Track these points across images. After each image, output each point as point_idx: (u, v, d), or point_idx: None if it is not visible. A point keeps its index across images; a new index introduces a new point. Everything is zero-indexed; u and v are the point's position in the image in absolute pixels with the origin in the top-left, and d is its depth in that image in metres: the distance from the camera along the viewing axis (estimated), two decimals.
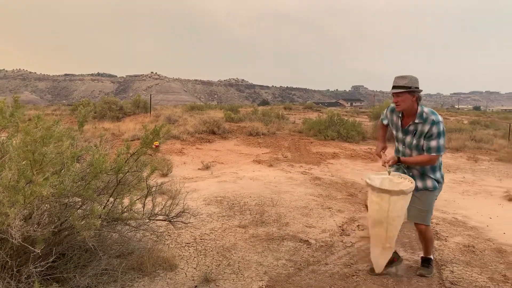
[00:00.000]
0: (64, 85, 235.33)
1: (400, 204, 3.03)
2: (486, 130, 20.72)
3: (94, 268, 2.87)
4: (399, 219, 3.10)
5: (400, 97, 3.24)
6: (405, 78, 3.23)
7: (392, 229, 3.13)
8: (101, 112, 19.60)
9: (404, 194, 3.01)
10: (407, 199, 3.06)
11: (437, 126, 3.16)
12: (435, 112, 3.23)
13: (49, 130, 2.32)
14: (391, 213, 3.03)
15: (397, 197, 3.00)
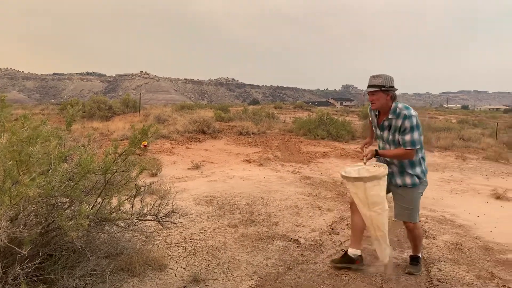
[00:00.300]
0: (52, 84, 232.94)
1: (375, 190, 3.09)
2: (474, 129, 20.96)
3: (82, 269, 2.85)
4: (381, 206, 3.14)
5: (375, 95, 3.33)
6: (379, 77, 3.31)
7: (376, 216, 3.18)
8: (90, 111, 19.44)
9: (377, 179, 3.08)
10: (382, 184, 3.12)
11: (410, 120, 3.20)
12: (408, 107, 3.29)
13: (36, 130, 2.30)
14: (370, 200, 3.11)
15: (371, 183, 3.08)
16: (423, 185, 3.43)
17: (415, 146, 3.21)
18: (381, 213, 3.15)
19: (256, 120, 17.97)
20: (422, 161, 3.41)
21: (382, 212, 3.15)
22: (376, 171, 3.22)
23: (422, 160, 3.41)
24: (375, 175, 3.09)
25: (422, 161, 3.41)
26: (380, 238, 3.27)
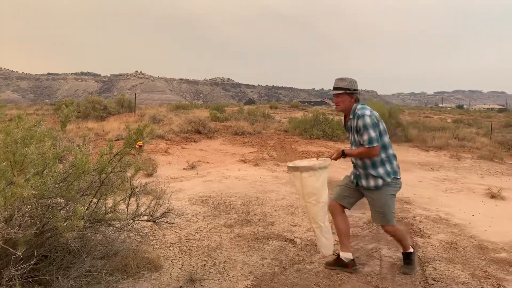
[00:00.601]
0: (47, 84, 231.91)
1: (310, 181, 3.17)
2: (469, 129, 21.08)
3: (78, 269, 2.84)
4: (316, 197, 3.20)
5: (339, 98, 3.41)
6: (344, 80, 3.41)
7: (311, 208, 3.25)
8: (85, 111, 19.37)
9: (313, 170, 3.17)
10: (317, 176, 3.19)
11: (363, 119, 3.24)
12: (365, 107, 3.34)
13: (31, 130, 2.29)
14: (305, 190, 3.21)
15: (306, 173, 3.17)
16: (391, 187, 3.34)
17: (373, 143, 3.22)
18: (315, 204, 3.21)
19: (252, 120, 17.98)
20: (387, 161, 3.35)
21: (316, 204, 3.21)
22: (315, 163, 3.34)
23: (387, 161, 3.35)
24: (311, 165, 3.18)
25: (387, 161, 3.35)
26: (315, 230, 3.34)
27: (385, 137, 3.33)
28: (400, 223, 3.57)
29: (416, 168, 9.86)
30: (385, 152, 3.33)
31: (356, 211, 5.45)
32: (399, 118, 15.80)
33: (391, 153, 3.37)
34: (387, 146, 3.34)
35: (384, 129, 3.36)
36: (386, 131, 3.38)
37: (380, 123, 3.33)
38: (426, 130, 17.79)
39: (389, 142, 3.38)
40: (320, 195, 3.21)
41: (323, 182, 3.22)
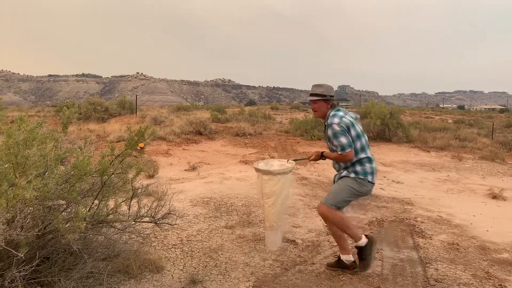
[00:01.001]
0: (48, 86, 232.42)
1: (269, 183, 3.25)
2: (470, 129, 21.05)
3: (79, 271, 2.84)
4: (272, 199, 3.27)
5: (316, 104, 3.45)
6: (321, 87, 3.45)
7: (267, 208, 3.33)
8: (86, 113, 19.40)
9: (271, 175, 3.24)
10: (276, 180, 3.25)
11: (331, 127, 3.28)
12: (335, 115, 3.35)
13: (32, 132, 2.29)
14: (263, 190, 3.29)
15: (266, 176, 3.26)
16: (356, 183, 3.33)
17: (345, 149, 3.25)
18: (271, 206, 3.29)
19: (253, 121, 18.00)
20: (363, 162, 3.36)
21: (272, 206, 3.28)
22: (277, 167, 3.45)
23: (358, 164, 3.35)
24: (270, 170, 3.26)
25: (358, 164, 3.36)
26: (268, 228, 3.42)
27: (357, 142, 3.32)
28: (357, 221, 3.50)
29: (417, 169, 9.85)
30: (364, 153, 3.35)
31: (358, 212, 5.45)
32: (400, 119, 15.79)
33: (363, 157, 3.34)
34: (358, 151, 3.32)
35: (357, 134, 3.34)
36: (359, 136, 3.36)
37: (352, 129, 3.32)
38: (427, 130, 17.78)
39: (361, 147, 3.35)
40: (277, 198, 3.28)
41: (282, 187, 3.28)
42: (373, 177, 3.39)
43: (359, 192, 3.35)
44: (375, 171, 3.42)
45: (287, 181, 3.32)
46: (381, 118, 14.97)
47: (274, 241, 3.48)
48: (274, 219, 3.35)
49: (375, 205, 5.92)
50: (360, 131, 3.41)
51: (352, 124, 3.35)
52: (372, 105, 17.02)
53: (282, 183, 3.29)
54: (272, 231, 3.41)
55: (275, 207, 3.30)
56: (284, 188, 3.32)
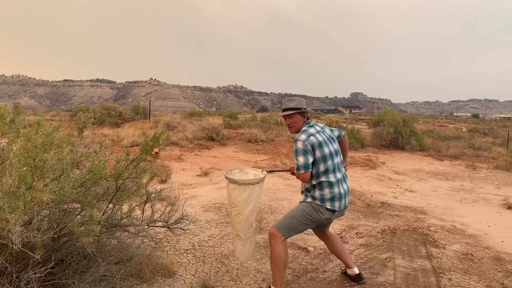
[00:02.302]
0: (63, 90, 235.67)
1: (235, 193, 3.17)
2: (484, 138, 20.80)
3: (93, 274, 2.87)
4: (238, 208, 3.20)
5: (292, 118, 3.22)
6: (294, 101, 3.26)
7: (233, 217, 3.26)
8: (100, 118, 19.63)
9: (237, 184, 3.17)
10: (241, 190, 3.16)
11: (295, 144, 3.08)
12: (305, 131, 3.11)
13: (50, 136, 2.33)
14: (230, 199, 3.23)
15: (232, 185, 3.19)
16: (313, 209, 3.09)
17: (299, 170, 3.03)
18: (237, 215, 3.22)
19: (265, 128, 18.01)
20: (323, 186, 3.09)
21: (238, 215, 3.22)
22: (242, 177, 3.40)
23: (319, 188, 3.10)
24: (235, 179, 3.20)
25: (318, 188, 3.10)
26: (235, 237, 3.35)
27: (321, 164, 3.05)
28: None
29: (430, 178, 9.76)
30: (316, 180, 3.10)
31: (370, 221, 5.42)
32: (414, 127, 15.67)
33: (323, 180, 3.07)
34: (320, 174, 3.07)
35: (323, 156, 3.05)
36: (325, 158, 3.07)
37: (319, 150, 3.04)
38: (440, 139, 17.62)
39: (325, 169, 3.07)
40: (243, 208, 3.18)
41: (247, 197, 3.16)
42: (333, 203, 3.08)
43: (314, 218, 3.10)
44: (339, 197, 3.10)
45: (253, 192, 3.16)
46: (394, 126, 14.88)
47: (241, 251, 3.35)
48: (240, 229, 3.25)
49: (388, 213, 5.88)
50: (330, 152, 3.10)
51: (320, 144, 3.06)
52: (385, 113, 16.93)
53: (248, 194, 3.15)
54: (240, 241, 3.31)
55: (240, 216, 3.21)
56: (251, 199, 3.17)
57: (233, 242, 3.48)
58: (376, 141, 15.55)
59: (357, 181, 8.66)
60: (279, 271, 3.04)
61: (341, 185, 3.15)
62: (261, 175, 3.35)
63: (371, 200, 6.70)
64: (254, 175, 3.43)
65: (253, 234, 3.34)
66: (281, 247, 3.05)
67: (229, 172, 3.42)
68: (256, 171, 3.52)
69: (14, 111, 3.09)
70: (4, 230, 1.98)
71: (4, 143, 2.80)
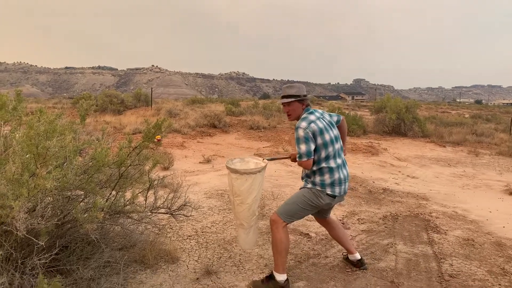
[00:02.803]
0: (65, 78, 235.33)
1: (237, 182, 3.17)
2: (487, 124, 20.73)
3: (97, 260, 2.90)
4: (241, 198, 3.20)
5: (290, 106, 3.19)
6: (293, 87, 3.20)
7: (236, 206, 3.26)
8: (102, 105, 19.62)
9: (239, 174, 3.15)
10: (243, 180, 3.15)
11: (296, 131, 3.06)
12: (305, 118, 3.09)
13: (52, 124, 2.34)
14: (233, 189, 3.22)
15: (234, 175, 3.17)
16: (314, 194, 3.10)
17: (302, 158, 3.02)
18: (240, 204, 3.22)
19: (267, 115, 17.98)
20: (323, 172, 3.10)
21: (241, 204, 3.21)
22: (243, 166, 3.39)
23: (324, 172, 3.10)
24: (237, 169, 3.19)
25: (319, 173, 3.11)
26: (238, 226, 3.36)
27: (322, 150, 3.06)
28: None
29: (432, 164, 9.76)
30: (316, 166, 3.10)
31: (372, 207, 5.44)
32: (416, 113, 15.61)
33: (323, 166, 3.08)
34: (321, 160, 3.07)
35: (324, 142, 3.05)
36: (326, 144, 3.06)
37: (320, 137, 3.04)
38: (443, 125, 17.57)
39: (326, 156, 3.08)
40: (245, 197, 3.18)
41: (250, 186, 3.16)
42: (334, 189, 3.10)
43: (315, 204, 3.12)
44: (339, 182, 3.12)
45: (255, 181, 3.16)
46: (396, 113, 14.83)
47: (245, 240, 3.36)
48: (243, 218, 3.25)
49: (389, 200, 5.90)
50: (331, 138, 3.11)
51: (321, 131, 3.05)
52: (387, 99, 16.87)
53: (250, 183, 3.15)
54: (243, 229, 3.31)
55: (243, 206, 3.21)
56: (254, 188, 3.17)
57: (236, 231, 3.48)
58: (378, 127, 15.52)
59: (359, 168, 8.67)
60: (281, 256, 3.06)
61: (341, 170, 3.16)
62: (262, 164, 3.34)
63: (373, 187, 6.72)
64: (255, 164, 3.41)
65: (256, 222, 3.34)
66: (283, 233, 3.07)
67: (230, 161, 3.40)
68: (257, 159, 3.51)
69: (16, 99, 3.09)
70: (9, 217, 2.00)
71: (6, 131, 2.81)
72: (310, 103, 3.28)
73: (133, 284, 3.02)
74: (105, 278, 2.94)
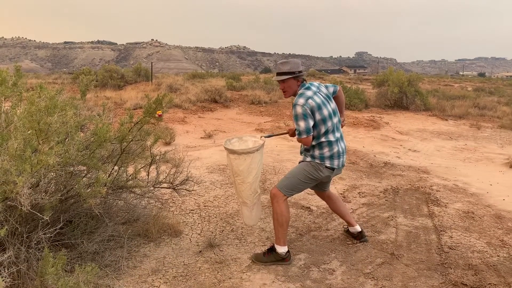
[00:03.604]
0: (64, 53, 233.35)
1: (236, 162, 3.16)
2: (490, 97, 20.59)
3: (101, 234, 2.95)
4: (241, 177, 3.19)
5: (285, 83, 3.15)
6: (288, 64, 3.14)
7: (237, 185, 3.26)
8: (103, 80, 19.50)
9: (237, 154, 3.13)
10: (242, 160, 3.13)
11: (294, 109, 3.03)
12: (302, 94, 3.04)
13: (53, 100, 2.33)
14: (233, 169, 3.20)
15: (232, 156, 3.16)
16: (313, 167, 3.13)
17: (301, 135, 3.02)
18: (241, 184, 3.21)
19: (268, 89, 17.87)
20: (322, 146, 3.10)
21: (242, 183, 3.20)
22: (242, 146, 3.36)
23: (323, 145, 3.10)
24: (235, 149, 3.16)
25: (323, 146, 3.10)
26: (241, 204, 3.35)
27: (321, 126, 3.05)
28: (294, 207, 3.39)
29: (434, 137, 9.76)
30: (316, 141, 3.09)
31: (373, 180, 5.47)
32: (418, 87, 15.50)
33: (323, 141, 3.08)
34: (320, 135, 3.07)
35: (322, 118, 3.03)
36: (325, 120, 3.05)
37: (318, 112, 3.01)
38: (445, 98, 17.46)
39: (325, 131, 3.07)
40: (245, 176, 3.17)
41: (249, 165, 3.14)
42: (332, 162, 3.12)
43: (314, 176, 3.15)
44: (337, 155, 3.14)
45: (254, 160, 3.14)
46: (398, 86, 14.72)
47: (249, 216, 3.37)
48: (246, 196, 3.26)
49: (390, 173, 5.92)
50: (329, 113, 3.09)
51: (319, 106, 3.02)
52: (390, 73, 16.71)
53: (249, 162, 3.13)
54: (247, 207, 3.32)
55: (244, 185, 3.20)
56: (253, 166, 3.16)
57: (240, 209, 3.49)
58: (380, 101, 15.43)
59: (361, 142, 8.68)
60: (282, 229, 3.10)
61: (340, 143, 3.18)
62: (260, 142, 3.31)
63: (374, 160, 6.74)
64: (253, 143, 3.39)
65: (258, 199, 3.36)
66: (283, 206, 3.10)
67: (228, 142, 3.38)
68: (254, 137, 3.48)
69: (16, 74, 3.07)
70: (13, 192, 2.02)
71: (7, 107, 2.80)
72: (306, 78, 3.23)
73: (137, 257, 3.07)
74: (109, 251, 3.00)
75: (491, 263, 3.16)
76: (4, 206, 2.16)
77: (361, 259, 3.19)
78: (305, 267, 3.05)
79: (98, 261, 2.81)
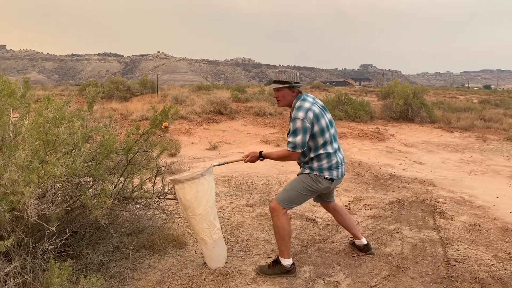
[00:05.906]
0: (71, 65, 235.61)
1: (181, 193, 2.95)
2: (496, 109, 20.52)
3: (106, 245, 2.96)
4: (190, 210, 2.97)
5: (280, 92, 3.11)
6: (285, 73, 3.12)
7: (190, 220, 3.04)
8: (109, 92, 19.67)
9: (180, 183, 2.93)
10: (187, 188, 2.93)
11: (293, 122, 2.98)
12: (301, 107, 2.99)
13: (60, 111, 2.36)
14: (181, 200, 2.99)
15: (177, 186, 2.96)
16: (312, 179, 3.08)
17: (295, 149, 2.96)
18: (192, 217, 2.99)
19: (273, 101, 17.90)
20: (321, 158, 3.06)
21: (193, 216, 2.98)
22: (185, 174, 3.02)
23: (322, 157, 3.06)
24: (177, 178, 2.94)
25: (321, 158, 3.06)
26: (200, 242, 3.13)
27: (320, 138, 3.01)
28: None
29: (440, 150, 9.72)
30: (314, 153, 3.05)
31: (378, 193, 5.45)
32: (424, 99, 15.49)
33: (321, 153, 3.04)
34: (318, 147, 3.04)
35: (321, 129, 3.00)
36: (323, 131, 3.02)
37: (317, 124, 2.99)
38: (451, 110, 17.42)
39: (324, 142, 3.04)
40: (195, 207, 2.95)
41: (196, 194, 2.93)
42: (331, 172, 3.07)
43: (313, 189, 3.10)
44: (336, 166, 3.09)
45: (201, 186, 2.94)
46: (404, 98, 14.72)
47: (210, 256, 3.11)
48: (201, 231, 3.01)
49: (396, 185, 5.90)
50: (326, 124, 3.07)
51: (317, 117, 3.00)
52: (395, 85, 16.73)
53: (195, 190, 2.92)
54: (207, 245, 3.05)
55: (196, 217, 2.97)
56: (201, 195, 2.95)
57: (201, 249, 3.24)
58: (385, 113, 15.43)
59: (366, 154, 8.66)
60: (285, 242, 3.08)
61: (338, 154, 3.15)
62: (207, 166, 3.11)
63: (379, 172, 6.72)
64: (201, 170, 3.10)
65: (220, 236, 3.14)
66: (283, 220, 3.06)
67: (177, 176, 3.07)
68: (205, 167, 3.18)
69: (24, 86, 3.12)
70: (20, 202, 2.03)
71: (15, 118, 2.84)
72: (301, 91, 3.20)
73: (142, 268, 3.07)
74: (114, 262, 3.00)
75: (498, 277, 3.12)
76: (11, 217, 2.17)
77: (367, 272, 3.17)
78: (310, 280, 3.03)
79: (103, 272, 2.81)
